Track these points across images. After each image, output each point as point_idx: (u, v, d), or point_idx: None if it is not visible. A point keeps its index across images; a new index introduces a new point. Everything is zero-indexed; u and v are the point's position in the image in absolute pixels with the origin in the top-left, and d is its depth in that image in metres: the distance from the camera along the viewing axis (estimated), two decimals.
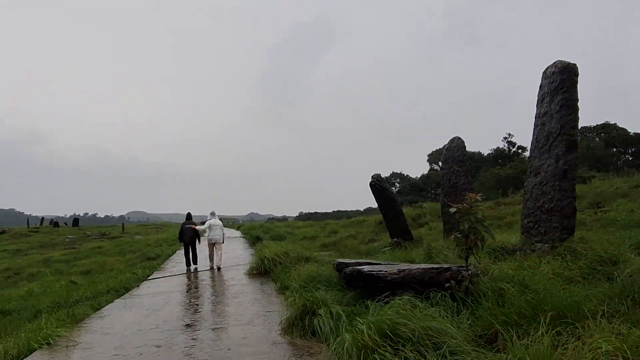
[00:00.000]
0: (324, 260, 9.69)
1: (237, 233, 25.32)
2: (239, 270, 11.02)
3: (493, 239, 5.29)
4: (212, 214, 12.39)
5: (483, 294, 4.52)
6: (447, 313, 4.14)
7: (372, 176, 11.00)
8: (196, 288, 8.96)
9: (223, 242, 12.43)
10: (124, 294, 9.03)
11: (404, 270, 4.87)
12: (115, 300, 8.15)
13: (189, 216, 12.79)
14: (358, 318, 4.19)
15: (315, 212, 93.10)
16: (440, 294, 4.61)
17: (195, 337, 5.17)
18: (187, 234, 12.14)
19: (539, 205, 6.87)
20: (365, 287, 5.41)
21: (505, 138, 56.59)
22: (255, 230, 20.46)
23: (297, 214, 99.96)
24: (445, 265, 5.01)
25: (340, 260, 6.50)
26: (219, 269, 11.59)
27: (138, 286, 9.80)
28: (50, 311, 8.27)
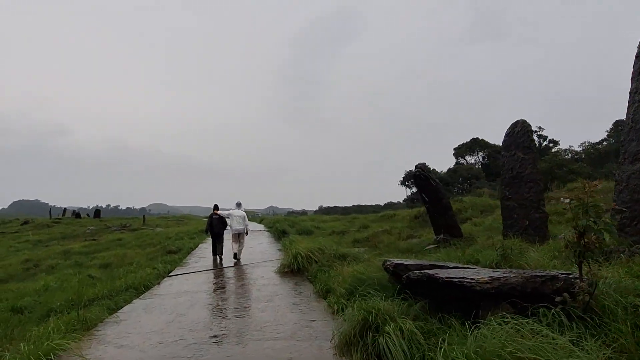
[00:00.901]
0: (362, 258, 8.69)
1: (261, 226, 24.46)
2: (267, 267, 10.07)
3: (615, 240, 4.13)
4: (238, 204, 12.32)
5: (609, 312, 3.41)
6: (568, 338, 3.04)
7: (416, 165, 9.87)
8: (223, 288, 8.01)
9: (247, 234, 12.22)
10: (143, 292, 8.16)
11: (498, 278, 3.76)
12: (133, 301, 7.26)
13: (216, 207, 12.46)
14: (452, 345, 3.13)
15: (335, 207, 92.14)
16: (546, 311, 3.53)
17: (229, 354, 4.18)
18: (216, 224, 11.98)
19: (637, 199, 5.67)
20: (437, 298, 4.35)
21: (536, 132, 54.48)
22: (280, 224, 19.50)
23: (317, 208, 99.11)
24: (551, 272, 3.88)
25: (398, 261, 5.43)
26: (237, 259, 11.38)
27: (159, 283, 8.93)
28: (62, 310, 7.46)
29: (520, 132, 7.94)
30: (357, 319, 4.09)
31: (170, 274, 10.15)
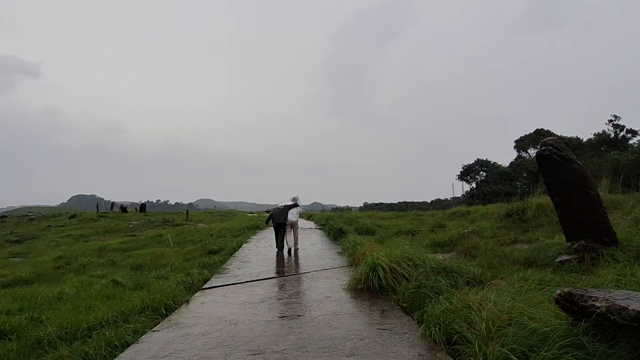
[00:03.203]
0: (476, 275, 5.94)
1: (310, 223, 22.00)
2: (331, 280, 7.51)
3: None
4: (293, 199, 12.46)
5: None
6: None
7: (544, 142, 6.92)
8: (275, 317, 5.46)
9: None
10: (164, 316, 5.82)
11: None
12: (143, 337, 4.86)
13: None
14: None
15: (380, 203, 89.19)
16: None
17: None
18: (276, 214, 11.97)
19: None
20: None
21: (611, 121, 48.91)
22: (335, 222, 16.84)
23: (362, 204, 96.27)
24: None
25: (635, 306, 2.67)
26: (296, 250, 11.86)
27: (187, 302, 6.53)
28: (51, 343, 5.27)
29: None
30: None
31: (205, 285, 7.80)
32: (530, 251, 7.79)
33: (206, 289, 7.53)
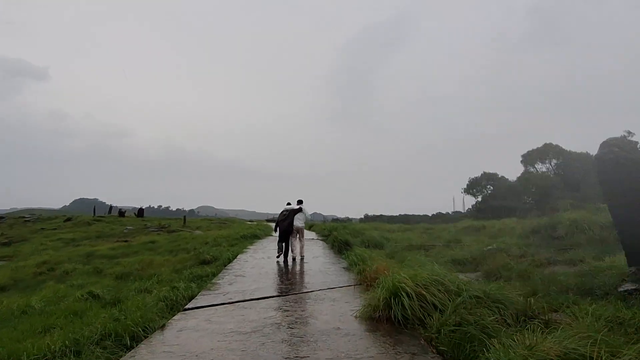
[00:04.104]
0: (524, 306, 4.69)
1: (312, 234, 20.68)
2: (339, 303, 6.24)
3: None
4: (299, 201, 11.99)
5: None
6: None
7: (605, 143, 5.69)
8: (271, 359, 4.18)
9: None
10: (128, 348, 4.57)
11: None
12: None
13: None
14: None
15: (381, 215, 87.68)
16: None
17: None
18: (281, 220, 11.67)
19: None
20: None
21: (624, 137, 47.50)
22: (340, 233, 15.50)
23: (363, 216, 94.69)
24: None
25: None
26: (301, 260, 11.23)
27: (162, 328, 5.28)
28: None
29: None
30: None
31: (189, 305, 6.53)
32: (579, 276, 6.52)
33: (189, 309, 6.26)
